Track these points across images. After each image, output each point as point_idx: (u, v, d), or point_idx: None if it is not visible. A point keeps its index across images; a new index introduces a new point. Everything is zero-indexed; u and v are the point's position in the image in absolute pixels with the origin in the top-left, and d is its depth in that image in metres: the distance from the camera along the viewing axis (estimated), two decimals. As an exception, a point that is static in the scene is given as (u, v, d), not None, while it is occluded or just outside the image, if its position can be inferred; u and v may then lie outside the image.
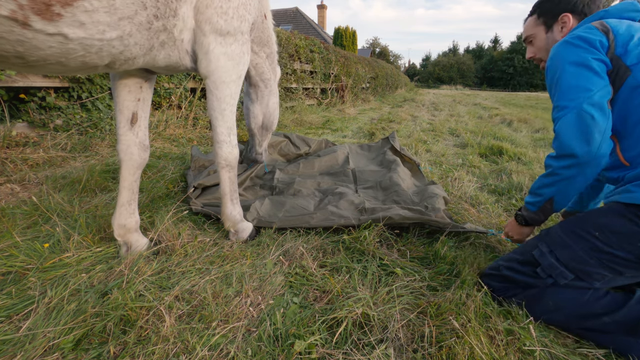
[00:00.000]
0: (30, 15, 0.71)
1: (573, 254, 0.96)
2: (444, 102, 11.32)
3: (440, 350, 0.89)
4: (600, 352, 0.92)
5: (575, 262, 0.95)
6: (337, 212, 1.62)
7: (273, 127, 1.98)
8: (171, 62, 1.11)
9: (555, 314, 0.99)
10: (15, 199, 1.75)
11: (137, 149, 1.27)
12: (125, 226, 1.29)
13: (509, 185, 2.29)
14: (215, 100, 1.25)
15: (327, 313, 1.04)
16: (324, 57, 7.67)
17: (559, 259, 0.98)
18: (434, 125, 5.23)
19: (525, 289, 1.05)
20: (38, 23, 0.73)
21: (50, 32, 0.75)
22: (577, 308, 0.96)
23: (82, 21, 0.78)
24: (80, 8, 0.76)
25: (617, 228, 0.91)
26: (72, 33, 0.78)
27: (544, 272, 1.00)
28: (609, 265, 0.92)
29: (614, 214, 0.93)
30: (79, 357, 0.86)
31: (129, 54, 0.93)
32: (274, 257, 1.35)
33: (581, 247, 0.95)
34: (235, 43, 1.22)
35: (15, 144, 2.44)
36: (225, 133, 1.32)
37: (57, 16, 0.74)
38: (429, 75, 55.87)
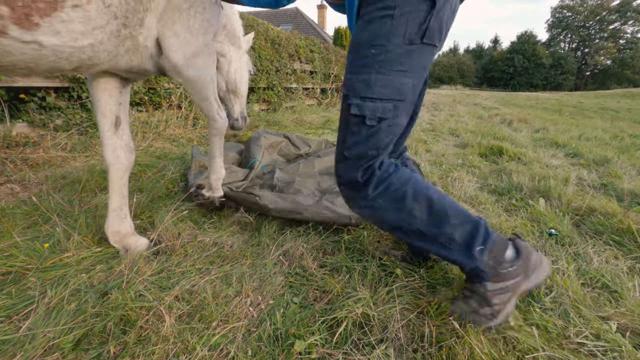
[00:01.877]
0: (9, 24, 0.72)
1: (379, 82, 0.86)
2: (444, 102, 11.32)
3: (440, 350, 0.89)
4: (600, 351, 0.92)
5: (384, 87, 0.86)
6: (331, 207, 1.63)
7: (240, 91, 2.11)
8: (132, 66, 1.14)
9: None
10: (15, 199, 1.75)
11: (123, 152, 1.28)
12: (120, 232, 1.30)
13: (509, 185, 2.29)
14: (198, 99, 1.43)
15: (327, 313, 1.04)
16: (324, 57, 7.67)
17: (371, 97, 0.87)
18: (434, 125, 5.23)
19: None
20: (15, 32, 0.74)
21: (26, 40, 0.77)
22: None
23: (58, 30, 0.80)
24: (58, 18, 0.78)
25: (380, 32, 0.86)
26: (46, 41, 0.80)
27: (372, 119, 0.88)
28: (401, 69, 0.86)
29: (372, 20, 0.88)
30: (79, 357, 0.86)
31: (97, 59, 0.96)
32: (274, 257, 1.35)
33: (375, 72, 0.86)
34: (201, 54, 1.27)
35: (15, 144, 2.44)
36: (214, 112, 1.53)
37: (35, 25, 0.76)
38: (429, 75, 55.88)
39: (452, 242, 0.91)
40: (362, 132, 0.89)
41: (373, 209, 0.95)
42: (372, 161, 0.92)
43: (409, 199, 0.92)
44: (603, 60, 54.07)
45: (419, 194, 0.92)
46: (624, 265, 1.33)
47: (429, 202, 0.92)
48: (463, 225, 0.91)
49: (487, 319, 0.91)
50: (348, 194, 0.97)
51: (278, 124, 4.73)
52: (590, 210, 1.84)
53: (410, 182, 0.93)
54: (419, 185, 0.94)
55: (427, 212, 0.92)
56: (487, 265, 0.90)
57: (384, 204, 0.93)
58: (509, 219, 1.78)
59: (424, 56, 0.88)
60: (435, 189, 0.97)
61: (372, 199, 0.93)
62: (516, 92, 38.99)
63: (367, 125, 0.88)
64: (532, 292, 1.15)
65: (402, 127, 0.94)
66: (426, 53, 0.88)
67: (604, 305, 1.10)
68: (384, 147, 0.92)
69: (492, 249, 0.91)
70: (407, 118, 0.94)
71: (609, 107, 13.21)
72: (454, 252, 0.92)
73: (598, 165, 2.98)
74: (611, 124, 7.02)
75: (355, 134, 0.90)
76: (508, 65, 52.02)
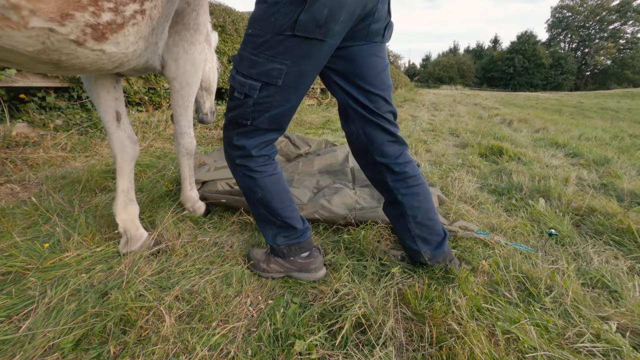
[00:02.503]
0: (88, 39, 0.95)
1: (248, 61, 0.95)
2: (444, 102, 11.32)
3: (440, 351, 0.89)
4: (600, 351, 0.92)
5: (252, 67, 0.94)
6: (327, 206, 1.63)
7: (212, 88, 2.19)
8: (148, 66, 1.30)
9: None
10: (15, 199, 1.75)
11: (129, 142, 1.38)
12: (127, 210, 1.36)
13: (509, 185, 2.29)
14: (180, 98, 1.48)
15: (327, 313, 1.04)
16: (324, 57, 7.66)
17: (242, 73, 0.97)
18: (434, 125, 5.23)
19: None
20: (90, 43, 0.96)
21: (94, 49, 0.98)
22: None
23: (119, 42, 1.02)
24: (121, 34, 1.01)
25: (257, 15, 0.92)
26: (108, 49, 1.01)
27: (240, 93, 0.99)
28: (270, 54, 0.92)
29: (257, 3, 0.94)
30: (79, 357, 0.86)
31: (133, 61, 1.13)
32: (274, 257, 1.35)
33: (248, 51, 0.94)
34: (196, 51, 1.42)
35: (15, 144, 2.44)
36: (187, 126, 1.56)
37: (105, 39, 0.98)
38: (429, 76, 55.90)
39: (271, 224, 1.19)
40: (234, 100, 1.02)
41: (235, 172, 1.14)
42: (244, 129, 1.05)
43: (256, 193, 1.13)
44: (603, 60, 54.07)
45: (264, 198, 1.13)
46: (624, 265, 1.33)
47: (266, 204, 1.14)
48: (282, 222, 1.17)
49: (260, 269, 1.23)
50: (226, 144, 1.12)
51: (278, 124, 4.72)
52: (590, 210, 1.84)
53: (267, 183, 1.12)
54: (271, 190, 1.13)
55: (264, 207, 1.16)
56: (280, 250, 1.20)
57: (241, 177, 1.13)
58: (509, 219, 1.78)
59: (301, 47, 0.91)
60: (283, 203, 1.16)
61: (237, 165, 1.11)
62: (516, 92, 39.00)
63: (235, 97, 1.01)
64: (533, 293, 1.15)
65: (282, 110, 1.02)
66: (303, 44, 0.91)
67: (604, 305, 1.10)
68: (255, 119, 1.02)
69: (292, 247, 1.19)
70: (290, 103, 1.03)
71: (609, 107, 13.21)
72: (267, 228, 1.20)
73: (598, 165, 2.98)
74: (611, 124, 7.02)
75: (231, 99, 1.04)
76: (508, 65, 52.04)
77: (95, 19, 0.95)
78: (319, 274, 1.22)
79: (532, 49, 50.81)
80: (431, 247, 1.20)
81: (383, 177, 1.19)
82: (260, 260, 1.23)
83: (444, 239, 1.21)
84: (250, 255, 1.28)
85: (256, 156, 1.08)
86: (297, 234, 1.19)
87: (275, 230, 1.19)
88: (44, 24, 0.88)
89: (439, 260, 1.20)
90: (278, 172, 1.15)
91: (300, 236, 1.20)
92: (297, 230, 1.19)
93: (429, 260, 1.20)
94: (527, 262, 1.33)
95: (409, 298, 1.08)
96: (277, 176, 1.14)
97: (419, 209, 1.18)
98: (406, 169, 1.17)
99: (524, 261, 1.33)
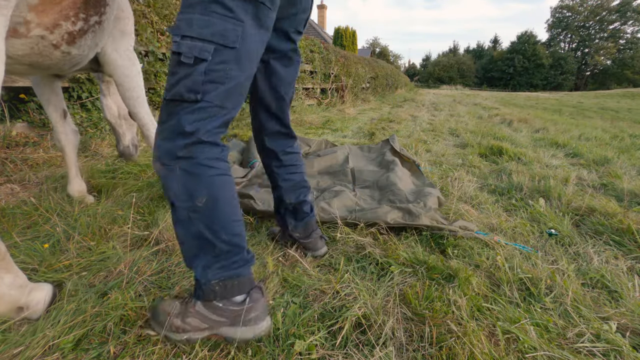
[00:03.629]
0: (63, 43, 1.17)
1: (199, 21, 0.81)
2: (444, 102, 11.32)
3: (440, 351, 0.89)
4: (599, 351, 0.92)
5: (204, 27, 0.81)
6: (327, 209, 1.64)
7: (130, 120, 2.15)
8: (92, 65, 1.56)
9: None
10: (15, 199, 1.75)
11: (72, 134, 1.71)
12: (81, 190, 1.76)
13: (509, 185, 2.29)
14: (125, 91, 1.61)
15: (327, 313, 1.04)
16: (324, 57, 7.67)
17: (191, 36, 0.82)
18: (434, 125, 5.23)
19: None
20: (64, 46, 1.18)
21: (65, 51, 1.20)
22: None
23: (81, 45, 1.26)
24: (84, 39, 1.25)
25: None
26: (74, 51, 1.25)
27: (188, 57, 0.81)
28: (222, 13, 0.81)
29: None
30: (79, 357, 0.86)
31: (84, 62, 1.40)
32: (274, 257, 1.35)
33: (199, 11, 0.82)
34: (128, 50, 1.59)
35: (15, 144, 2.44)
36: (148, 118, 1.73)
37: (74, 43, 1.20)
38: (429, 75, 55.90)
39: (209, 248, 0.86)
40: (180, 71, 0.82)
41: (170, 172, 0.85)
42: (193, 106, 0.83)
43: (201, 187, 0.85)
44: (603, 60, 54.08)
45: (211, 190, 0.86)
46: (624, 265, 1.33)
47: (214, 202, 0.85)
48: (226, 243, 0.86)
49: (172, 329, 0.88)
50: (163, 137, 0.85)
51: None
52: (590, 210, 1.84)
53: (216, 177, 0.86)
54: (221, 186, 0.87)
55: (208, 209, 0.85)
56: (210, 288, 0.86)
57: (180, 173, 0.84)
58: (509, 219, 1.78)
59: (252, 10, 0.84)
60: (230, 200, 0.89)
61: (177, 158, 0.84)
62: (516, 92, 39.01)
63: (183, 64, 0.81)
64: (533, 292, 1.15)
65: (238, 82, 0.87)
66: (250, 7, 0.84)
67: (604, 305, 1.10)
68: (208, 93, 0.83)
69: (229, 282, 0.87)
70: (245, 75, 0.89)
71: (609, 107, 13.21)
72: (200, 256, 0.87)
73: (598, 165, 2.98)
74: (611, 124, 7.02)
75: (174, 74, 0.84)
76: (508, 65, 52.04)
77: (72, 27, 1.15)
78: (260, 326, 0.88)
79: (532, 49, 50.80)
80: (295, 220, 1.36)
81: (269, 162, 1.32)
82: (173, 314, 0.88)
83: (307, 215, 1.36)
84: (154, 313, 0.92)
85: (208, 142, 0.85)
86: (240, 262, 0.89)
87: (210, 259, 0.86)
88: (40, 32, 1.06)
89: (299, 231, 1.36)
90: (230, 175, 0.92)
91: (243, 266, 0.89)
92: (242, 257, 0.89)
93: (290, 229, 1.37)
94: (527, 262, 1.33)
95: (410, 298, 1.08)
96: (229, 179, 0.90)
97: (292, 194, 1.33)
98: (287, 158, 1.30)
99: (524, 261, 1.33)
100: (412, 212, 1.57)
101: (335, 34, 25.12)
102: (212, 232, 0.85)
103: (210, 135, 0.85)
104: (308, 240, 1.36)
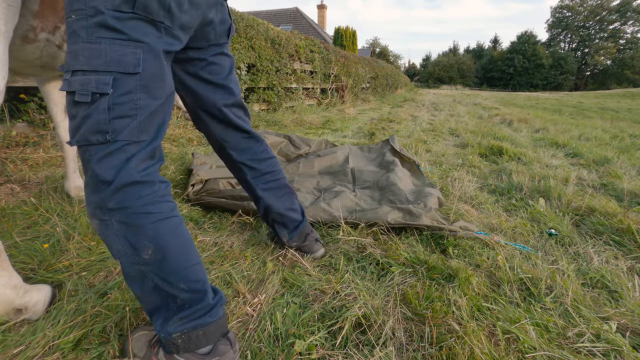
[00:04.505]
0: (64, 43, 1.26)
1: (87, 52, 0.70)
2: (444, 102, 11.32)
3: (441, 351, 0.89)
4: (599, 351, 0.92)
5: (94, 58, 0.70)
6: (327, 209, 1.64)
7: None
8: None
9: None
10: (15, 199, 1.75)
11: None
12: (78, 186, 1.78)
13: (509, 185, 2.29)
14: None
15: (327, 313, 1.04)
16: (324, 57, 7.67)
17: (81, 70, 0.70)
18: (434, 125, 5.23)
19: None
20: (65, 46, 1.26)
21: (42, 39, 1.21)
22: None
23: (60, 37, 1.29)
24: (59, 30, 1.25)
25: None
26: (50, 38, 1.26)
27: (83, 95, 0.69)
28: (115, 37, 0.71)
29: None
30: (79, 357, 0.86)
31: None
32: (274, 257, 1.35)
33: (84, 38, 0.70)
34: None
35: (15, 144, 2.44)
36: None
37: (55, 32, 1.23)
38: (429, 75, 55.89)
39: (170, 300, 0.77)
40: (78, 112, 0.71)
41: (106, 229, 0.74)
42: (105, 149, 0.72)
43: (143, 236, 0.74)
44: (603, 60, 54.06)
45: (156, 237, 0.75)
46: (624, 265, 1.33)
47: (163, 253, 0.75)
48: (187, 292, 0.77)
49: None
50: (87, 191, 0.75)
51: (278, 124, 4.73)
52: (590, 210, 1.84)
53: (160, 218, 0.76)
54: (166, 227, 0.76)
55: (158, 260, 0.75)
56: (172, 341, 0.77)
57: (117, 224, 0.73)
58: (509, 219, 1.78)
59: (145, 27, 0.74)
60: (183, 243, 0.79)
61: (110, 210, 0.72)
62: (516, 92, 39.00)
63: (80, 104, 0.70)
64: (533, 292, 1.15)
65: (152, 111, 0.77)
66: (146, 25, 0.74)
67: (604, 305, 1.10)
68: (118, 131, 0.72)
69: (193, 333, 0.78)
70: (159, 101, 0.78)
71: (609, 107, 13.21)
72: (161, 309, 0.78)
73: (598, 165, 2.98)
74: (611, 124, 7.02)
75: (73, 117, 0.72)
76: (508, 65, 52.03)
77: None
78: None
79: (532, 49, 50.78)
80: (288, 230, 1.32)
81: (244, 175, 1.24)
82: (138, 354, 0.83)
83: (299, 223, 1.32)
84: (125, 345, 0.86)
85: (142, 182, 0.74)
86: (204, 309, 0.79)
87: (170, 311, 0.77)
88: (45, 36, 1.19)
89: (295, 240, 1.32)
90: (178, 216, 0.80)
91: (207, 313, 0.79)
92: (206, 303, 0.79)
93: (286, 241, 1.33)
94: (527, 262, 1.33)
95: (410, 298, 1.08)
96: (175, 220, 0.79)
97: (277, 203, 1.27)
98: (262, 165, 1.24)
99: (524, 261, 1.33)
100: (413, 212, 1.57)
101: (335, 34, 25.11)
102: (169, 284, 0.75)
103: (141, 172, 0.75)
104: (304, 244, 1.34)
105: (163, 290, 0.76)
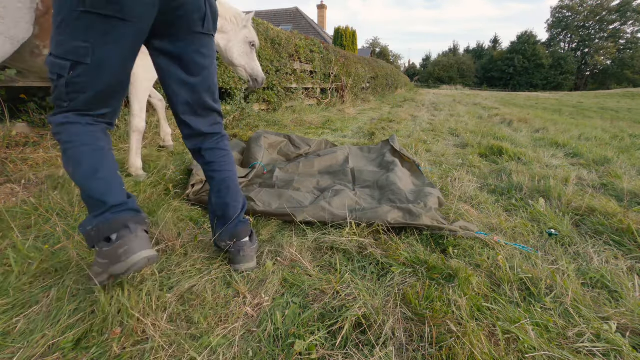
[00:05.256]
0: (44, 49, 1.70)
1: (55, 41, 0.94)
2: (444, 102, 11.32)
3: (441, 351, 0.89)
4: (599, 351, 0.92)
5: (59, 47, 0.94)
6: (328, 208, 1.64)
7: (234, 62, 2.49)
8: None
9: None
10: (15, 199, 1.75)
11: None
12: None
13: (509, 185, 2.29)
14: (134, 89, 2.04)
15: (327, 313, 1.04)
16: (324, 57, 7.67)
17: (52, 54, 0.95)
18: (434, 125, 5.23)
19: None
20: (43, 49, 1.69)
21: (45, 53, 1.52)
22: None
23: None
24: None
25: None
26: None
27: (52, 73, 0.96)
28: (70, 33, 0.92)
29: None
30: (79, 356, 0.86)
31: None
32: (273, 257, 1.35)
33: (54, 32, 0.94)
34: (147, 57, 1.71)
35: (15, 144, 2.44)
36: (138, 109, 2.09)
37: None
38: (429, 75, 55.87)
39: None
40: (52, 83, 0.98)
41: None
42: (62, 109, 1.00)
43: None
44: (603, 60, 54.05)
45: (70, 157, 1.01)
46: (624, 265, 1.33)
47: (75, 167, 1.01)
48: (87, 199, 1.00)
49: (92, 276, 0.99)
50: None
51: (278, 124, 4.73)
52: (590, 210, 1.84)
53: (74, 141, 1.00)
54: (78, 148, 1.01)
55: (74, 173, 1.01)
56: (88, 234, 0.97)
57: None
58: (509, 218, 1.78)
59: (97, 24, 0.91)
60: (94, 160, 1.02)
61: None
62: (516, 92, 39.00)
63: (52, 79, 0.97)
64: (533, 292, 1.15)
65: (99, 90, 0.99)
66: (97, 22, 0.91)
67: (604, 305, 1.10)
68: (72, 101, 0.99)
69: (101, 226, 0.96)
70: (105, 83, 0.99)
71: (609, 107, 13.21)
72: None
73: (598, 165, 2.98)
74: (611, 124, 7.02)
75: (52, 81, 0.99)
76: (508, 65, 52.02)
77: None
78: (131, 260, 0.93)
79: (532, 49, 50.77)
80: (222, 226, 1.28)
81: (198, 160, 1.31)
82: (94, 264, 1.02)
83: (238, 223, 1.28)
84: None
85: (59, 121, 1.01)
86: (111, 209, 0.98)
87: (89, 215, 0.99)
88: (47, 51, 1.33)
89: (224, 239, 1.26)
90: (102, 147, 1.04)
91: (110, 209, 0.98)
92: (109, 205, 0.97)
93: (217, 239, 1.29)
94: (528, 262, 1.33)
95: (410, 298, 1.08)
96: (93, 147, 1.02)
97: (214, 193, 1.29)
98: (209, 155, 1.28)
99: (524, 261, 1.33)
100: (413, 212, 1.57)
101: (335, 34, 25.10)
102: (83, 192, 1.00)
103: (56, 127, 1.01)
104: (232, 250, 1.25)
105: (84, 199, 1.01)
